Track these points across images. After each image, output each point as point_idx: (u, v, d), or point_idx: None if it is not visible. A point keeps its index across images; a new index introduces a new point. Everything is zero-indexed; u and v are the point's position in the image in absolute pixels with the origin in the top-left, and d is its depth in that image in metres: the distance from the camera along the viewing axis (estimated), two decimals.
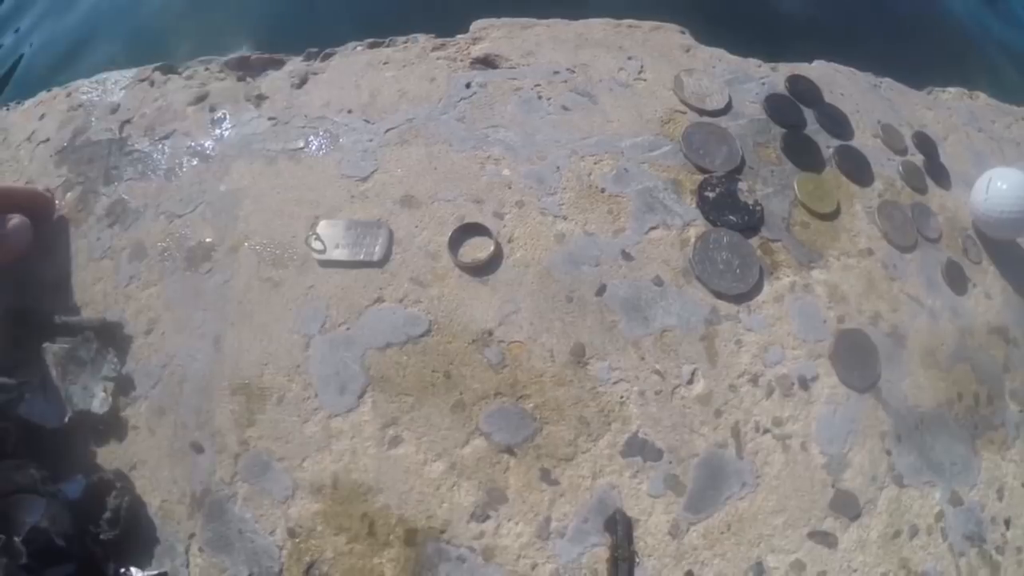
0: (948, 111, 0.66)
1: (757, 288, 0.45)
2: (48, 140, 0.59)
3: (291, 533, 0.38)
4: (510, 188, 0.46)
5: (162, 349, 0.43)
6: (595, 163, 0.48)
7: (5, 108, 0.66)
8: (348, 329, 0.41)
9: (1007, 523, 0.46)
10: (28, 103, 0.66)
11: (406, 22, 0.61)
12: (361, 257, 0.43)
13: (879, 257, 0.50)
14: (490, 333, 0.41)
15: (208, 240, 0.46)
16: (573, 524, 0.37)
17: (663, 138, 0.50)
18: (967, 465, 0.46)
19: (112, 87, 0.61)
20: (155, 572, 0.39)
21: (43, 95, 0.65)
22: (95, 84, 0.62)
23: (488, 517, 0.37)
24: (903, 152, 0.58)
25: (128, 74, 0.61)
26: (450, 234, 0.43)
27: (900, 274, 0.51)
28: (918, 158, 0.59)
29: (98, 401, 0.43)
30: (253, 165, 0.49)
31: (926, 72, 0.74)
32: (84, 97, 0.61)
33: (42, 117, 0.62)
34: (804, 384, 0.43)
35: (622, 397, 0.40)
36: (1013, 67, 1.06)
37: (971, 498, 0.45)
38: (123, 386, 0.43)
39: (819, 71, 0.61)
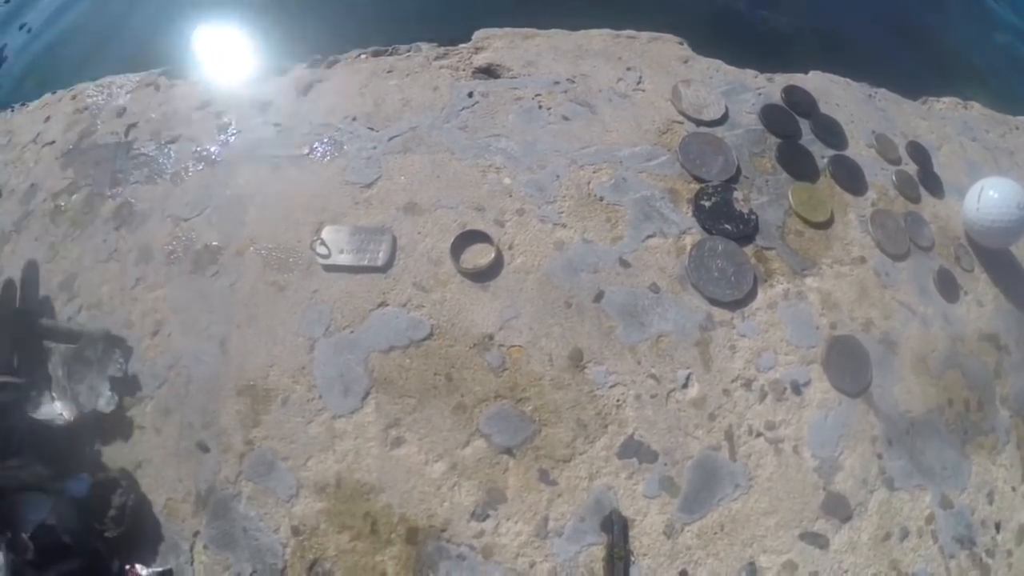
0: (942, 121, 0.68)
1: (751, 295, 0.47)
2: (54, 142, 0.61)
3: (295, 531, 0.39)
4: (511, 196, 0.48)
5: (168, 350, 0.45)
6: (594, 172, 0.50)
7: (10, 110, 0.68)
8: (352, 332, 0.43)
9: (997, 526, 0.48)
10: (32, 105, 0.68)
11: (409, 29, 0.63)
12: (365, 262, 0.45)
13: (872, 265, 0.52)
14: (491, 337, 0.43)
15: (214, 244, 0.48)
16: (570, 523, 0.39)
17: (661, 148, 0.52)
18: (957, 469, 0.48)
19: (117, 91, 0.63)
20: (160, 569, 0.41)
21: (48, 97, 0.68)
22: (100, 88, 0.64)
23: (488, 516, 0.39)
24: (897, 162, 0.61)
25: (133, 78, 0.63)
26: (452, 241, 0.45)
27: (892, 282, 0.53)
28: (911, 167, 0.61)
29: (104, 400, 0.45)
30: (259, 170, 0.51)
31: (921, 82, 0.77)
32: (89, 100, 0.63)
33: (47, 119, 0.64)
34: (796, 389, 0.45)
35: (619, 400, 0.42)
36: (1009, 76, 1.09)
37: (961, 501, 0.47)
38: (129, 386, 0.45)
39: (815, 82, 0.63)
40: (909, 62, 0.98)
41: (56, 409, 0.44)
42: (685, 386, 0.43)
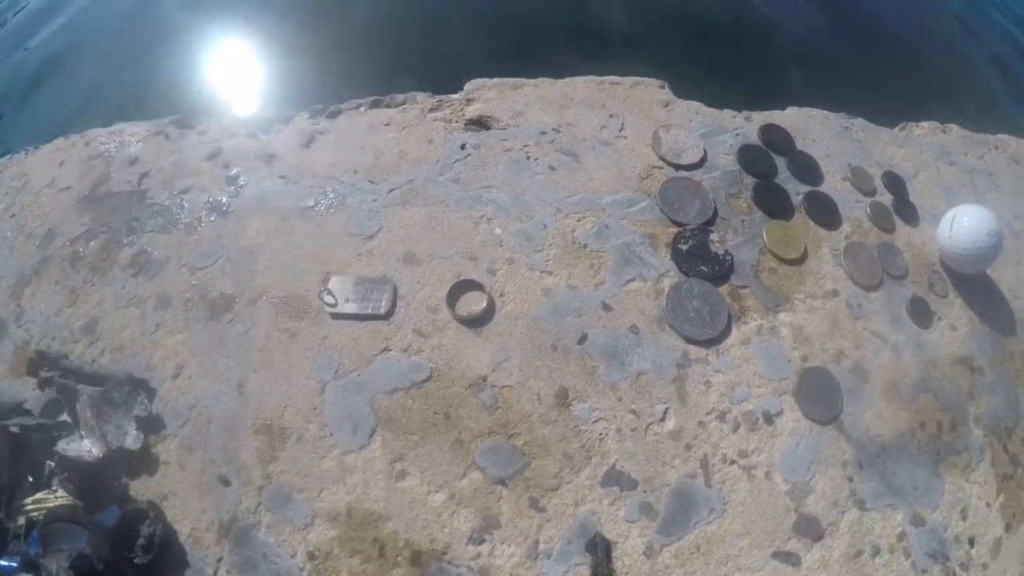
0: (919, 147, 0.75)
1: (725, 333, 0.54)
2: (69, 188, 0.69)
3: (311, 556, 0.47)
4: (501, 246, 0.56)
5: (189, 392, 0.53)
6: (578, 220, 0.58)
7: (23, 152, 0.76)
8: (359, 375, 0.51)
9: (971, 541, 0.55)
10: (45, 149, 0.75)
11: (403, 75, 0.70)
12: (369, 311, 0.52)
13: (844, 297, 0.59)
14: (484, 379, 0.50)
15: (228, 292, 0.56)
16: (558, 546, 0.46)
17: (641, 194, 0.60)
18: (930, 488, 0.55)
19: (129, 139, 0.71)
20: None
21: (60, 142, 0.75)
22: (112, 135, 0.72)
23: (484, 540, 0.46)
24: (872, 193, 0.68)
25: (143, 127, 0.71)
26: (448, 290, 0.53)
27: (864, 312, 0.60)
28: (886, 198, 0.68)
29: (131, 438, 0.52)
30: (268, 222, 0.59)
31: (904, 107, 0.83)
32: (102, 147, 0.71)
33: (61, 164, 0.72)
34: (768, 419, 0.52)
35: (601, 434, 0.50)
36: (995, 94, 1.15)
37: (934, 519, 0.54)
38: (154, 425, 0.52)
39: (792, 118, 0.70)
40: (892, 87, 1.05)
41: (85, 446, 0.52)
42: (663, 420, 0.50)
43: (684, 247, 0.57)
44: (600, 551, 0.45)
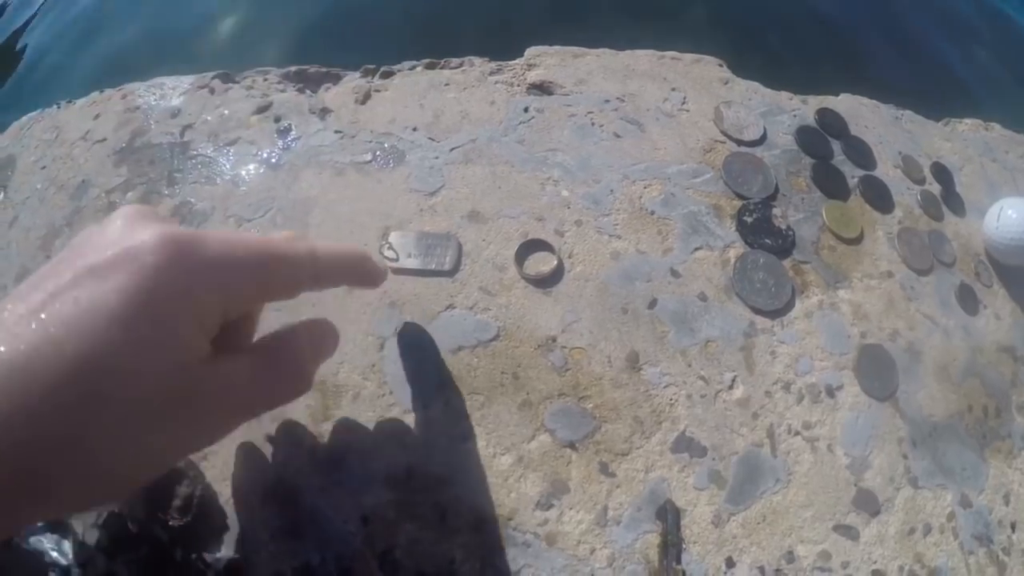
0: (964, 142, 0.76)
1: (789, 305, 0.54)
2: (105, 140, 0.66)
3: (365, 521, 0.44)
4: (569, 208, 0.55)
5: None
6: (644, 187, 0.57)
7: (56, 106, 0.73)
8: None
9: (1013, 526, 0.55)
10: (80, 102, 0.73)
11: (454, 41, 0.69)
12: (432, 266, 0.51)
13: (898, 279, 0.60)
14: (554, 339, 0.49)
15: None
16: (628, 513, 0.45)
17: (705, 166, 0.59)
18: (976, 471, 0.55)
19: (170, 92, 0.68)
20: (226, 557, 0.45)
21: (95, 95, 0.72)
22: (152, 88, 0.70)
23: (552, 506, 0.44)
24: (921, 182, 0.68)
25: (186, 80, 0.69)
26: (516, 248, 0.51)
27: (917, 295, 0.60)
28: (935, 187, 0.69)
29: None
30: (322, 175, 0.57)
31: (944, 102, 0.85)
32: (141, 100, 0.68)
33: (97, 117, 0.69)
34: (830, 392, 0.52)
35: (671, 399, 0.49)
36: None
37: (980, 502, 0.54)
38: None
39: (845, 104, 0.71)
40: (935, 82, 1.07)
41: None
42: (731, 387, 0.50)
43: (749, 220, 0.57)
44: (670, 518, 0.44)
